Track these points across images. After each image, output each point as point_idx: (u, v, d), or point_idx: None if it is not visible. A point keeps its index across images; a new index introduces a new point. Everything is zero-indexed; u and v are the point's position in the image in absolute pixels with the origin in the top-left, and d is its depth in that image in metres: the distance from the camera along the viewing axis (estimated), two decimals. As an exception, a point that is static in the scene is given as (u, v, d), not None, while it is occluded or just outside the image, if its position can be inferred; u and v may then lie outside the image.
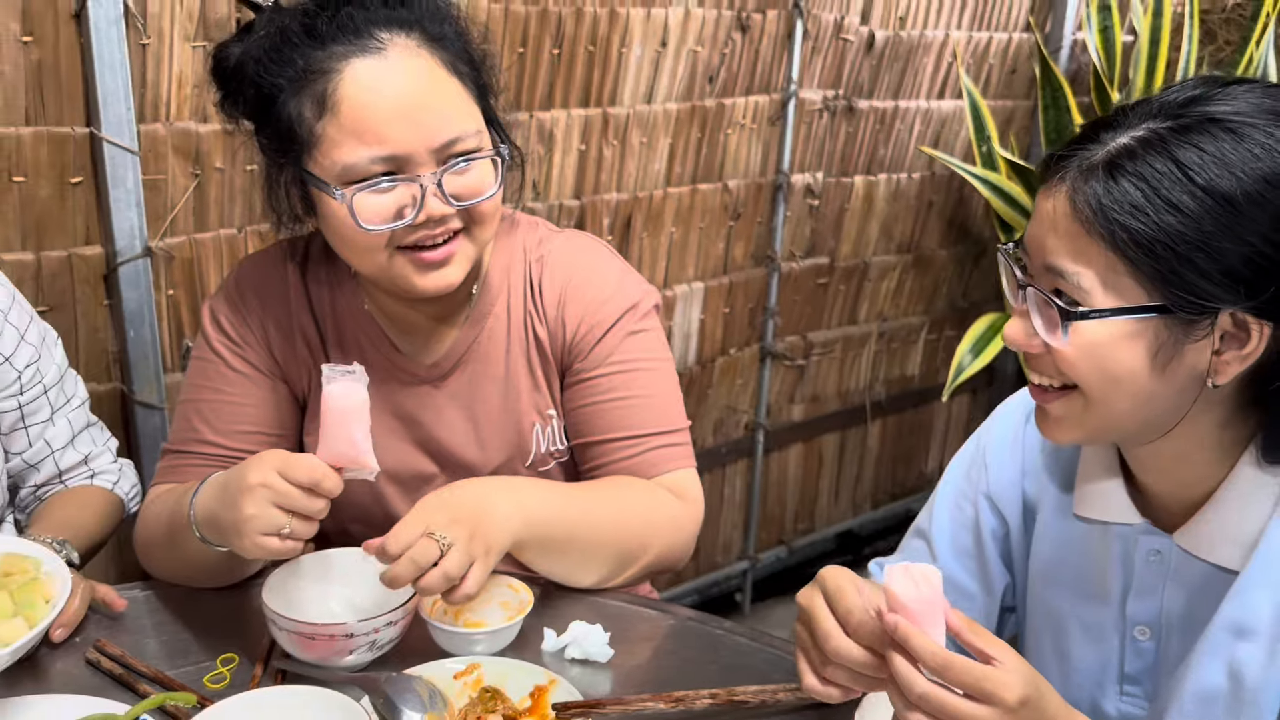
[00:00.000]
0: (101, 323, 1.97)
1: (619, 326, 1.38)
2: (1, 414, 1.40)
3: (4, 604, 1.01)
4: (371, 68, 1.18)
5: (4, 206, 1.82)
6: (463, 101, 1.23)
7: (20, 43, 1.76)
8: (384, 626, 1.11)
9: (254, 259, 1.46)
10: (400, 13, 1.22)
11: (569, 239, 1.45)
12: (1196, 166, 0.86)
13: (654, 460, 1.37)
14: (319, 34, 1.19)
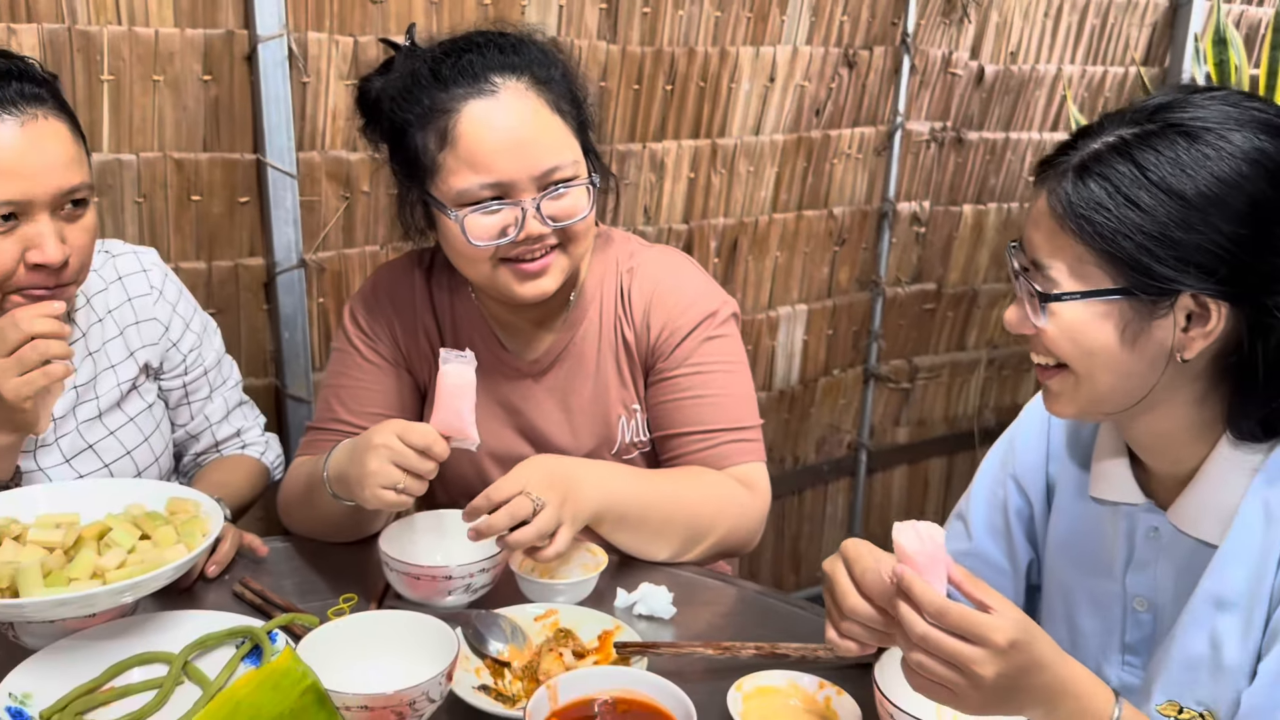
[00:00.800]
0: (261, 325, 2.25)
1: (697, 332, 1.53)
2: (169, 391, 1.65)
3: (169, 534, 1.23)
4: (485, 108, 1.37)
5: (183, 221, 2.12)
6: (563, 136, 1.40)
7: (201, 81, 2.05)
8: (478, 572, 1.29)
9: (388, 266, 1.68)
10: (512, 59, 1.41)
11: (657, 253, 1.62)
12: (1153, 167, 0.97)
13: (725, 453, 1.51)
14: (443, 78, 1.39)
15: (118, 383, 1.55)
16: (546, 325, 1.57)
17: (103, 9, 1.94)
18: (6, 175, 1.29)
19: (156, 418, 1.61)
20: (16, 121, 1.30)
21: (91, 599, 1.11)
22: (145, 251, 1.64)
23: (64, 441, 1.49)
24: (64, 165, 1.34)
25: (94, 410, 1.52)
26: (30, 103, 1.32)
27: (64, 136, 1.35)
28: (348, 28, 2.17)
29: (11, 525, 1.20)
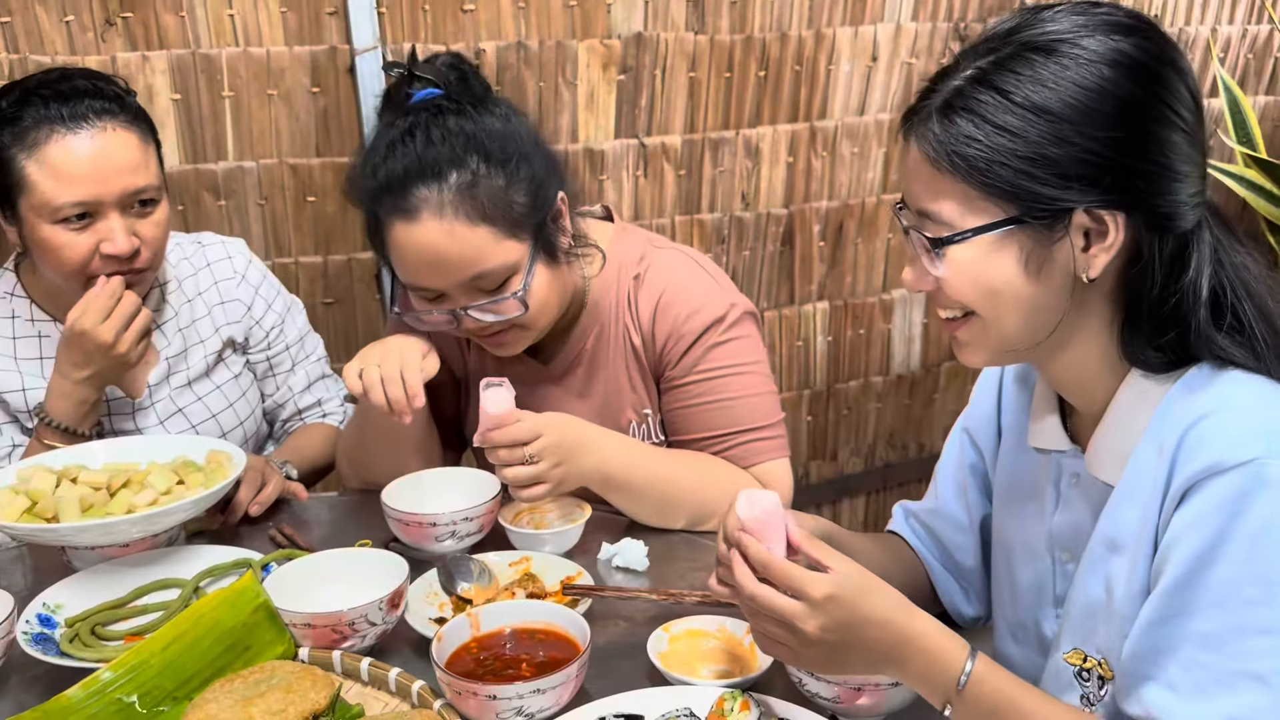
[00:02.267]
0: (373, 314, 2.47)
1: (704, 338, 1.54)
2: (255, 364, 1.87)
3: (199, 479, 1.42)
4: (405, 230, 1.40)
5: (301, 220, 2.36)
6: (484, 245, 1.40)
7: (310, 93, 2.28)
8: (461, 521, 1.40)
9: None
10: (431, 167, 1.39)
11: (666, 256, 1.62)
12: (1015, 88, 0.94)
13: (743, 454, 1.54)
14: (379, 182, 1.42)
15: (205, 355, 1.78)
16: (564, 334, 1.62)
17: (222, 33, 2.20)
18: (79, 179, 1.53)
19: (242, 387, 1.83)
20: (88, 133, 1.53)
21: (111, 527, 1.30)
22: (233, 242, 1.87)
23: (158, 406, 1.73)
24: (131, 169, 1.57)
25: (184, 379, 1.76)
26: (100, 116, 1.55)
27: (131, 145, 1.58)
28: (440, 37, 2.34)
29: (74, 469, 1.42)
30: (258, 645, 1.16)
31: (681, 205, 2.63)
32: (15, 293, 1.69)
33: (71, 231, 1.54)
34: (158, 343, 1.74)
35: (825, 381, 2.87)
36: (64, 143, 1.52)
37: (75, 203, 1.53)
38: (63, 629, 1.24)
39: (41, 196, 1.52)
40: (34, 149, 1.52)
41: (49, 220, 1.53)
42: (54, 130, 1.52)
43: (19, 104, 1.53)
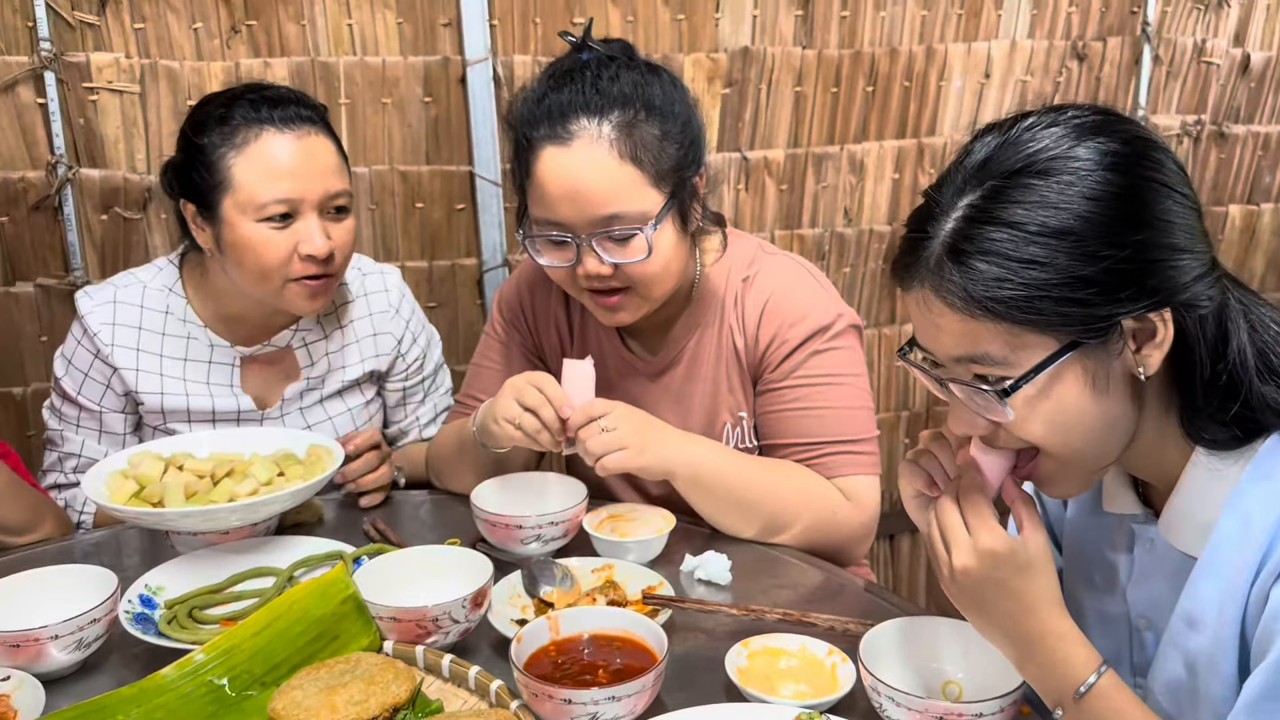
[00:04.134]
0: (475, 317, 2.51)
1: (806, 345, 1.53)
2: (391, 393, 1.91)
3: (298, 472, 1.47)
4: (555, 155, 1.42)
5: (409, 226, 2.42)
6: (629, 185, 1.41)
7: (422, 102, 2.34)
8: (548, 525, 1.41)
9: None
10: (595, 100, 1.42)
11: (777, 261, 1.62)
12: (1026, 218, 0.89)
13: (829, 464, 1.51)
14: (535, 116, 1.45)
15: (343, 380, 1.82)
16: (667, 328, 1.63)
17: (340, 42, 2.28)
18: (284, 176, 1.58)
19: (370, 413, 1.88)
20: (293, 135, 1.60)
21: (212, 514, 1.35)
22: (390, 272, 1.90)
23: (287, 418, 1.78)
24: (330, 173, 1.63)
25: (317, 397, 1.81)
26: (303, 122, 1.62)
27: (330, 150, 1.64)
28: (550, 49, 2.38)
29: (181, 457, 1.48)
30: (345, 636, 1.19)
31: (782, 219, 2.61)
32: (175, 289, 1.74)
33: (272, 229, 1.59)
34: (302, 360, 1.79)
35: (924, 404, 2.81)
36: (273, 141, 1.58)
37: (279, 199, 1.58)
38: (162, 610, 1.29)
39: (247, 193, 1.58)
40: (243, 147, 1.58)
41: (252, 217, 1.58)
42: (264, 129, 1.59)
43: (228, 105, 1.61)
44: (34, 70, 2.10)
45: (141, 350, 1.72)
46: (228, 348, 1.74)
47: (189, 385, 1.72)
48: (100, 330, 1.70)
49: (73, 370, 1.72)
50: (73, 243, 2.19)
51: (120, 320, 1.71)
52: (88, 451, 1.72)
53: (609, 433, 1.40)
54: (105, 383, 1.71)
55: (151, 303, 1.74)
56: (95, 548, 1.52)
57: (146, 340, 1.72)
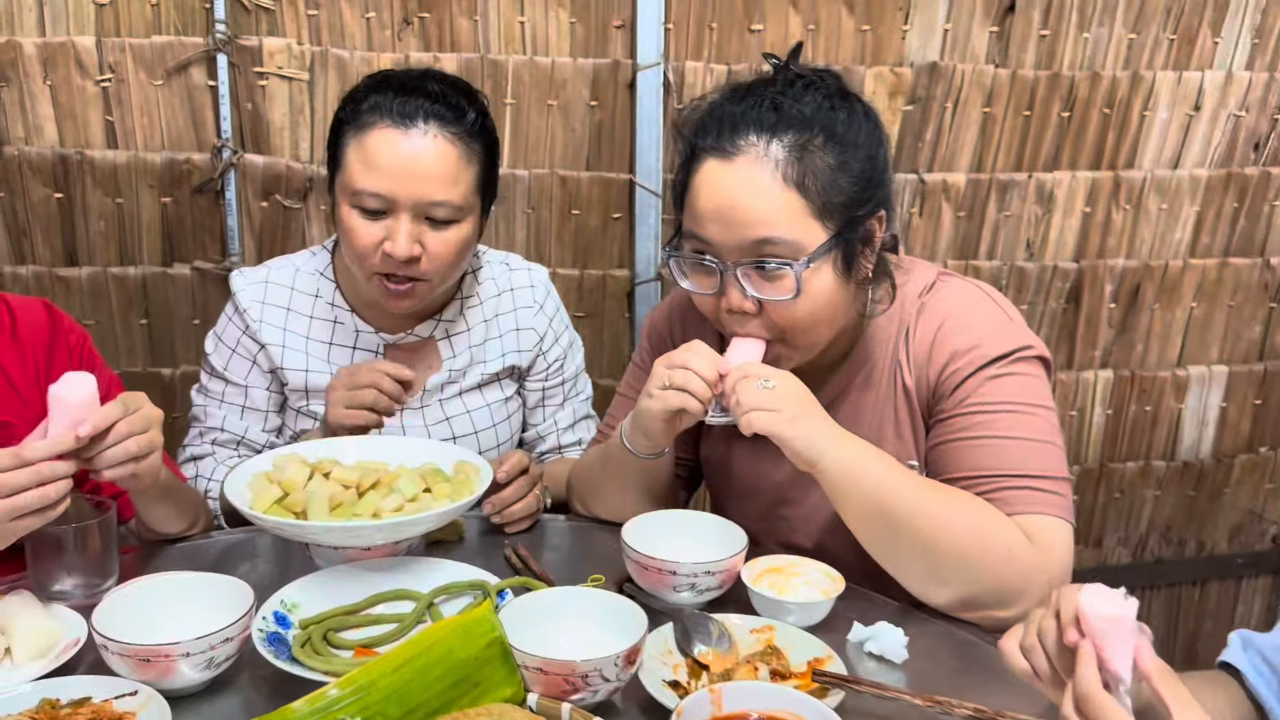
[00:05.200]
0: (621, 330, 2.42)
1: (984, 371, 1.35)
2: (530, 393, 1.84)
3: (445, 490, 1.38)
4: (714, 170, 1.30)
5: (563, 232, 2.34)
6: (787, 211, 1.28)
7: (588, 106, 2.26)
8: (703, 575, 1.29)
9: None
10: (770, 117, 1.30)
11: (954, 286, 1.45)
12: None
13: (1008, 500, 1.31)
14: (706, 126, 1.34)
15: (483, 373, 1.76)
16: (824, 375, 1.47)
17: (511, 40, 2.21)
18: (380, 172, 1.52)
19: (509, 410, 1.80)
20: (406, 133, 1.53)
21: (355, 530, 1.27)
22: (537, 270, 1.84)
23: (427, 411, 1.73)
24: (434, 180, 1.54)
25: (457, 390, 1.75)
26: (429, 120, 1.53)
27: (447, 159, 1.54)
28: (724, 56, 2.27)
29: (327, 464, 1.42)
30: (487, 683, 1.09)
31: (957, 248, 2.44)
32: (325, 273, 1.73)
33: (364, 219, 1.55)
34: (444, 352, 1.74)
35: (1098, 459, 2.59)
36: (383, 134, 1.53)
37: (371, 192, 1.53)
38: (296, 630, 1.22)
39: (348, 176, 1.55)
40: (360, 131, 1.54)
41: (349, 201, 1.56)
42: (381, 119, 1.53)
43: (370, 88, 1.57)
44: (207, 52, 2.09)
45: (288, 330, 1.70)
46: (372, 334, 1.71)
47: (334, 368, 1.69)
48: (250, 307, 1.69)
49: (221, 346, 1.71)
50: (232, 228, 2.18)
51: (270, 300, 1.70)
52: (229, 426, 1.71)
53: (767, 389, 1.28)
54: (251, 358, 1.70)
55: (302, 285, 1.72)
56: (229, 552, 1.47)
57: (294, 321, 1.70)
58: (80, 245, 2.17)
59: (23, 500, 1.16)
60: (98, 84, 2.08)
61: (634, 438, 1.46)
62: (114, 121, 2.11)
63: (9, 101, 2.06)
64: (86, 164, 2.11)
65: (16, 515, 1.17)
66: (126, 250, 2.19)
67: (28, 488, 1.16)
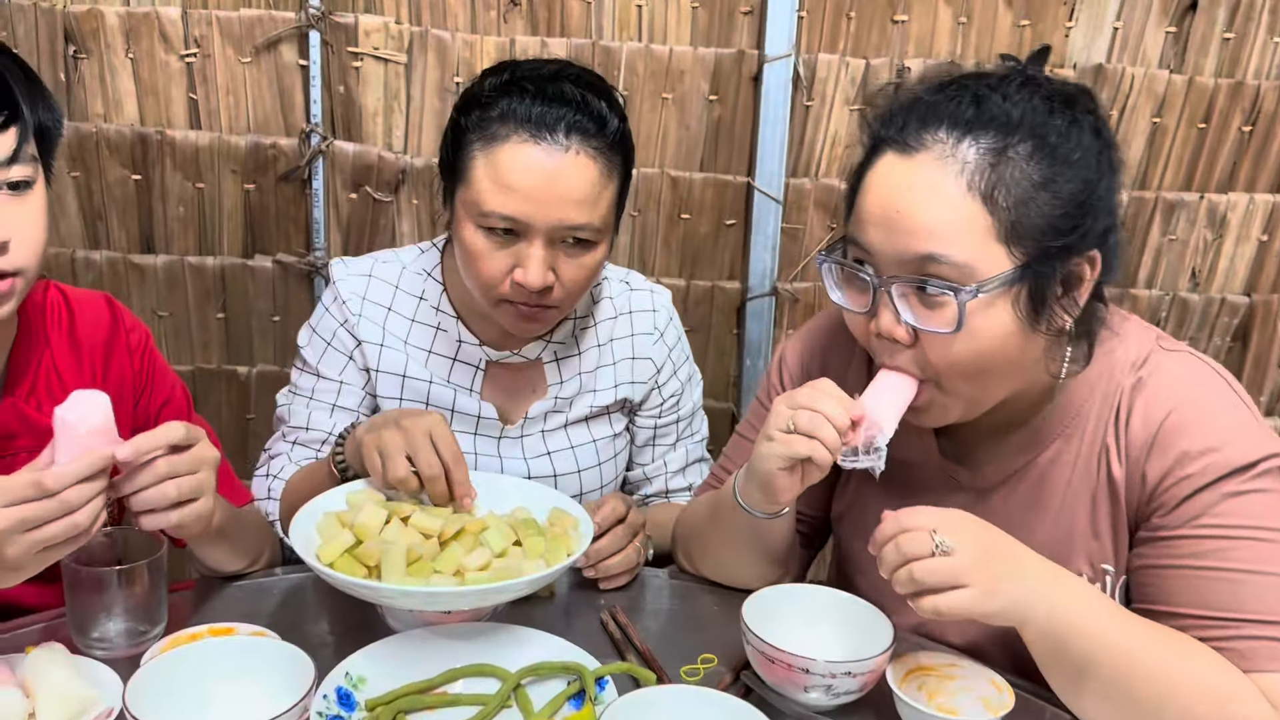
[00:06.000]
0: (729, 348, 2.21)
1: (1221, 485, 1.10)
2: (640, 429, 1.63)
3: (537, 545, 1.19)
4: (892, 165, 1.11)
5: (670, 238, 2.13)
6: (967, 228, 1.07)
7: (706, 100, 2.05)
8: (842, 675, 1.08)
9: (829, 316, 1.43)
10: (968, 112, 1.09)
11: (1183, 363, 1.18)
12: None
13: (1245, 653, 1.08)
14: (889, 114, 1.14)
15: (592, 404, 1.56)
16: (1004, 434, 1.23)
17: (626, 25, 2.01)
18: (516, 193, 1.32)
19: (616, 449, 1.60)
20: (547, 149, 1.32)
21: (435, 597, 1.09)
22: (660, 292, 1.63)
23: (527, 441, 1.54)
24: (574, 203, 1.34)
25: (562, 421, 1.55)
26: (570, 133, 1.33)
27: (588, 177, 1.34)
28: (861, 49, 2.04)
29: (406, 506, 1.23)
30: (582, 809, 0.90)
31: (1111, 276, 2.17)
32: (433, 274, 1.54)
33: (492, 243, 1.35)
34: (550, 376, 1.55)
35: None
36: (519, 150, 1.32)
37: (504, 215, 1.33)
38: (362, 713, 1.04)
39: (475, 194, 1.34)
40: (490, 143, 1.33)
41: (475, 222, 1.35)
42: (516, 131, 1.32)
43: (499, 90, 1.35)
44: (299, 28, 1.93)
45: (387, 330, 1.51)
46: (476, 346, 1.51)
47: (433, 377, 1.51)
48: (350, 299, 1.50)
49: (315, 339, 1.53)
50: (317, 219, 2.02)
51: (371, 296, 1.52)
52: (315, 424, 1.51)
53: (944, 555, 1.04)
54: (347, 354, 1.51)
55: (407, 285, 1.53)
56: (292, 597, 1.30)
57: (394, 323, 1.52)
58: (157, 231, 2.03)
59: (50, 532, 0.99)
60: (182, 59, 1.93)
61: (748, 492, 1.25)
62: (198, 100, 1.96)
63: (89, 75, 1.92)
64: (167, 144, 1.97)
65: (43, 548, 1.00)
66: (206, 239, 2.05)
67: (53, 519, 1.00)
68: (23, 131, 1.12)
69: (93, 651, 1.13)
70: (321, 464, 1.42)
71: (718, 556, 1.36)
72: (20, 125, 1.12)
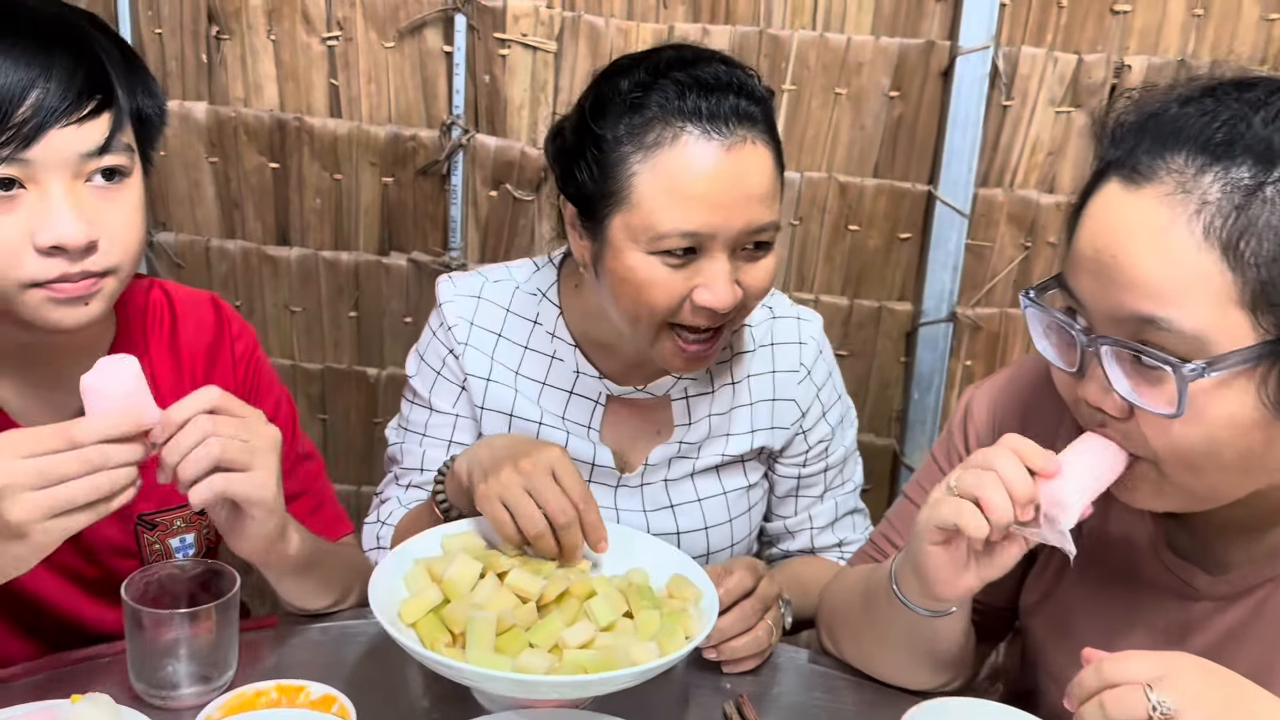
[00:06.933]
0: (894, 379, 1.97)
1: None
2: (781, 479, 1.41)
3: (650, 623, 1.00)
4: (1111, 195, 0.89)
5: (834, 251, 1.91)
6: (1196, 278, 0.84)
7: (886, 97, 1.81)
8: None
9: (1036, 360, 1.15)
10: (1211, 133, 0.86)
11: None
12: None
13: None
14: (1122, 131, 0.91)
15: (724, 452, 1.36)
16: (1258, 527, 0.97)
17: (799, 12, 1.80)
18: (698, 201, 1.12)
19: (751, 501, 1.40)
20: (723, 143, 1.12)
21: (525, 685, 0.92)
22: (809, 320, 1.40)
23: (647, 490, 1.35)
24: (759, 200, 1.15)
25: (688, 469, 1.35)
26: (741, 122, 1.14)
27: (766, 166, 1.16)
28: (1073, 43, 1.76)
29: (502, 559, 1.07)
30: None
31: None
32: (549, 295, 1.35)
33: (668, 267, 1.15)
34: (678, 416, 1.35)
35: None
36: (693, 149, 1.12)
37: (686, 232, 1.13)
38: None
39: (644, 216, 1.13)
40: (653, 151, 1.13)
41: (644, 248, 1.15)
42: (683, 130, 1.12)
43: (644, 88, 1.15)
44: (444, 12, 1.80)
45: (496, 361, 1.33)
46: (595, 379, 1.32)
47: (544, 415, 1.32)
48: (456, 325, 1.33)
49: (424, 369, 1.36)
50: (455, 217, 1.89)
51: (480, 321, 1.34)
52: (429, 463, 1.35)
53: (1159, 715, 0.80)
54: (460, 384, 1.35)
55: (520, 307, 1.34)
56: (376, 650, 1.15)
57: (504, 351, 1.34)
58: (293, 223, 1.95)
59: (68, 492, 0.88)
60: (324, 42, 1.84)
61: (906, 579, 1.02)
62: (338, 86, 1.86)
63: (230, 56, 1.85)
64: (305, 132, 1.87)
65: (60, 511, 0.88)
66: (342, 233, 1.95)
67: (75, 476, 0.88)
68: (117, 119, 1.01)
69: (151, 699, 1.02)
70: (425, 505, 1.27)
71: (870, 650, 1.14)
72: (115, 111, 1.00)
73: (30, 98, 0.94)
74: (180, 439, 0.94)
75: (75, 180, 0.98)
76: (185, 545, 1.22)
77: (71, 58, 0.97)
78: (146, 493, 1.16)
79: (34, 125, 0.94)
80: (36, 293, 0.98)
